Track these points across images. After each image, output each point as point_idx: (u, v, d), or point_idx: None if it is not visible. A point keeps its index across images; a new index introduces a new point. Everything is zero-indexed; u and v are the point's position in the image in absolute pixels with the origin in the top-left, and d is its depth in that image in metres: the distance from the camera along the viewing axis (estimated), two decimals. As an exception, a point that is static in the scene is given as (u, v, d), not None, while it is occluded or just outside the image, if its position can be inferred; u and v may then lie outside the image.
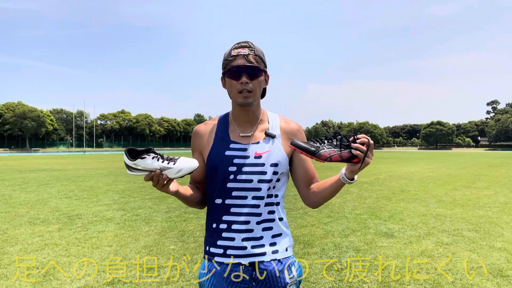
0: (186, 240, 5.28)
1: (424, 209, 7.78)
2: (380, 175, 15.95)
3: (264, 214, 1.52)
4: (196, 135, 1.63)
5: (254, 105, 1.53)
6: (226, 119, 1.62)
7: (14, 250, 4.78)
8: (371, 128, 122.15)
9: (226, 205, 1.51)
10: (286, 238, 1.58)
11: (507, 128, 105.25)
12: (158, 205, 8.07)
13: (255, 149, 1.52)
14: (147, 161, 1.33)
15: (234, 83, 1.48)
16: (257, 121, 1.58)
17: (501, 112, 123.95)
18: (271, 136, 1.54)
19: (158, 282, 3.75)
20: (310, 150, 1.34)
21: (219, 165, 1.51)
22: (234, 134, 1.56)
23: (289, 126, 1.61)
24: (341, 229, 5.96)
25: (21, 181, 13.26)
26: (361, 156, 1.34)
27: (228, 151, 1.52)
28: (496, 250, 4.83)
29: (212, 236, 1.55)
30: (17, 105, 76.31)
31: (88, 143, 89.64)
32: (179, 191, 1.47)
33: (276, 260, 1.52)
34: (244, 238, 1.50)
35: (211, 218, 1.58)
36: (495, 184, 12.61)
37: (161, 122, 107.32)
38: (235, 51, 1.48)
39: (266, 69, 1.54)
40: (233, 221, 1.50)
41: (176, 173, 1.35)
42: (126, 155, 1.34)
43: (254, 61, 1.47)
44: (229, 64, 1.48)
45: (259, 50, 1.52)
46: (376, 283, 3.73)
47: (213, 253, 1.54)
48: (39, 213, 7.24)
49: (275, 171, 1.51)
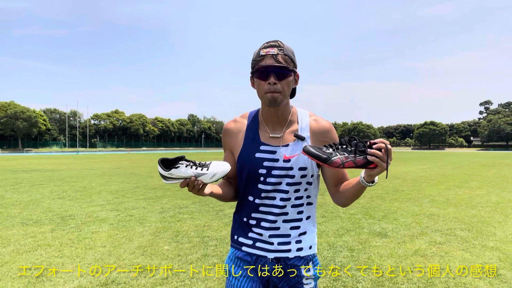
0: (181, 240, 5.27)
1: (418, 209, 7.83)
2: (374, 175, 16.01)
3: (292, 214, 1.55)
4: (226, 134, 1.65)
5: (282, 105, 1.52)
6: (256, 117, 1.62)
7: (7, 251, 4.73)
8: (365, 128, 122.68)
9: (256, 203, 1.56)
10: (311, 235, 1.61)
11: (499, 129, 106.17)
12: (152, 205, 8.05)
13: (284, 152, 1.52)
14: (181, 169, 1.38)
15: (262, 83, 1.47)
16: (286, 122, 1.57)
17: (494, 112, 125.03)
18: (300, 138, 1.54)
19: (152, 283, 3.73)
20: (322, 157, 1.30)
21: (250, 167, 1.54)
22: (264, 135, 1.57)
23: (320, 125, 1.59)
24: (335, 228, 5.98)
25: (13, 181, 13.14)
26: (378, 162, 1.28)
27: (258, 153, 1.54)
28: (488, 250, 4.87)
29: (243, 228, 1.61)
30: (9, 105, 75.51)
31: (82, 143, 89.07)
32: (213, 192, 1.52)
33: (299, 257, 1.57)
34: (271, 235, 1.55)
35: (242, 212, 1.62)
36: (488, 184, 12.72)
37: (155, 122, 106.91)
38: (264, 50, 1.47)
39: (295, 69, 1.52)
40: (262, 218, 1.56)
41: (211, 178, 1.40)
42: (160, 166, 1.38)
43: (283, 61, 1.45)
44: (258, 64, 1.47)
45: (289, 49, 1.49)
46: (370, 283, 3.75)
47: (242, 243, 1.60)
48: (32, 213, 7.18)
49: (303, 175, 1.53)
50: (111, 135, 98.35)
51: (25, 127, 75.15)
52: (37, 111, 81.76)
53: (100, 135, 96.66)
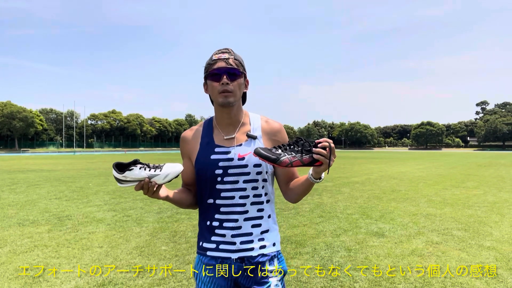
0: (178, 240, 5.26)
1: (415, 209, 7.85)
2: (371, 175, 16.06)
3: (252, 212, 1.60)
4: (183, 141, 1.72)
5: (234, 105, 1.60)
6: (210, 123, 1.70)
7: (3, 252, 4.72)
8: (362, 128, 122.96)
9: (217, 204, 1.60)
10: (273, 233, 1.66)
11: (495, 129, 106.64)
12: (150, 205, 8.03)
13: (238, 151, 1.59)
14: (135, 172, 1.41)
15: (215, 85, 1.56)
16: (239, 124, 1.65)
17: (490, 112, 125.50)
18: (252, 137, 1.62)
19: (150, 283, 3.73)
20: (271, 158, 1.38)
21: (206, 169, 1.59)
22: (218, 138, 1.64)
23: (270, 126, 1.68)
24: (333, 229, 5.99)
25: (10, 181, 13.09)
26: (322, 160, 1.38)
27: (214, 155, 1.60)
28: (485, 249, 4.89)
29: (206, 232, 1.64)
30: (5, 104, 75.19)
31: (79, 144, 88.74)
32: (169, 196, 1.57)
33: (262, 254, 1.60)
34: (233, 234, 1.58)
35: (204, 216, 1.66)
36: (484, 184, 12.78)
37: (153, 122, 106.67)
38: (215, 55, 1.57)
39: (245, 73, 1.63)
40: (224, 219, 1.59)
41: (164, 179, 1.43)
42: (115, 169, 1.41)
43: (234, 64, 1.56)
44: (210, 67, 1.56)
45: (239, 56, 1.61)
46: (367, 282, 3.76)
47: (206, 248, 1.63)
48: (29, 214, 7.15)
49: (258, 171, 1.59)
50: (108, 135, 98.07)
51: (21, 127, 74.84)
52: (33, 111, 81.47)
53: (97, 135, 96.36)
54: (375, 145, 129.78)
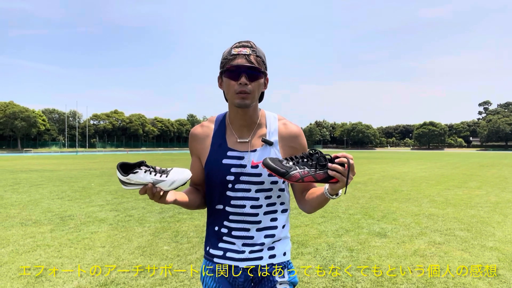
0: (180, 240, 5.27)
1: (417, 209, 7.83)
2: (374, 175, 16.03)
3: (265, 222, 1.49)
4: (193, 139, 1.58)
5: (251, 107, 1.46)
6: (223, 121, 1.56)
7: (6, 252, 4.73)
8: (364, 128, 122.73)
9: (227, 211, 1.49)
10: (285, 242, 1.56)
11: (498, 129, 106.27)
12: (152, 205, 8.04)
13: (252, 158, 1.46)
14: (139, 175, 1.31)
15: (232, 84, 1.40)
16: (254, 126, 1.51)
17: (493, 112, 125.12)
18: (268, 143, 1.48)
19: (152, 283, 3.73)
20: (280, 171, 1.26)
21: (217, 173, 1.48)
22: (231, 140, 1.51)
23: (288, 130, 1.54)
24: (335, 229, 5.98)
25: (12, 181, 13.13)
26: (339, 177, 1.24)
27: (226, 159, 1.48)
28: (487, 250, 4.88)
29: (213, 238, 1.55)
30: (8, 105, 75.43)
31: (81, 144, 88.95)
32: (177, 200, 1.44)
33: (272, 264, 1.51)
34: (244, 243, 1.49)
35: (212, 220, 1.56)
36: (487, 184, 12.74)
37: (155, 122, 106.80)
38: (235, 49, 1.40)
39: (266, 72, 1.47)
40: (234, 227, 1.49)
41: (170, 186, 1.33)
42: (119, 170, 1.32)
43: (255, 62, 1.39)
44: (228, 63, 1.39)
45: (261, 51, 1.44)
46: (370, 283, 3.75)
47: (213, 255, 1.54)
48: (31, 214, 7.17)
49: (273, 181, 1.47)
50: (110, 135, 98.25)
51: (24, 127, 75.09)
52: (36, 111, 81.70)
53: (100, 135, 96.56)
54: (377, 145, 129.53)
